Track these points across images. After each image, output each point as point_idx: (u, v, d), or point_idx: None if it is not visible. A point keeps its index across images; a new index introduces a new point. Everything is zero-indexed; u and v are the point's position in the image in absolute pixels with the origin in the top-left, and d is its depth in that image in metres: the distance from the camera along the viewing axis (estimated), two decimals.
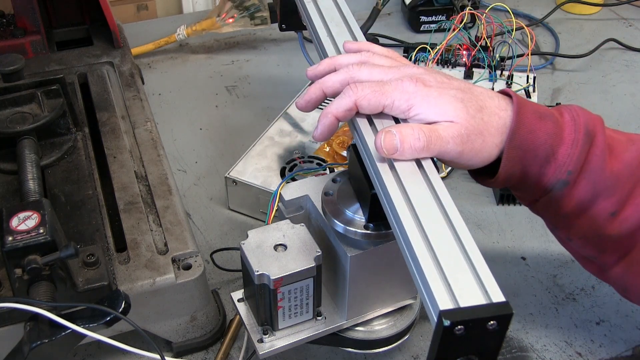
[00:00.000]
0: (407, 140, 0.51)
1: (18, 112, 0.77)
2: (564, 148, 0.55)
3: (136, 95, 0.91)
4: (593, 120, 0.57)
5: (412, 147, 0.51)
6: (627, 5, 1.35)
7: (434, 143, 0.52)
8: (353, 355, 0.71)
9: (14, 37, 0.97)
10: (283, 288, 0.56)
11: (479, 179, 0.60)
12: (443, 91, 0.54)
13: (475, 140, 0.53)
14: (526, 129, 0.54)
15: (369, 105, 0.55)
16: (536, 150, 0.55)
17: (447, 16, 1.24)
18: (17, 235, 0.56)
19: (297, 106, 0.61)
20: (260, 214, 0.86)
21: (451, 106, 0.53)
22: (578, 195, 0.56)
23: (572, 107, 0.58)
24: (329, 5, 0.70)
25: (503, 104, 0.56)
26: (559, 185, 0.56)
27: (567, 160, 0.55)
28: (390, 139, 0.51)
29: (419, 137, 0.51)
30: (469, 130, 0.53)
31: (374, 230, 0.56)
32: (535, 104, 0.56)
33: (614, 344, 0.73)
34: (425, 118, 0.53)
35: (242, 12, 1.17)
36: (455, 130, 0.52)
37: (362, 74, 0.57)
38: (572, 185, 0.56)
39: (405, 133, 0.51)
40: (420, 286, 0.45)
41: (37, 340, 0.55)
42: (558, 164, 0.55)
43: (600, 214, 0.57)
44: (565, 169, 0.55)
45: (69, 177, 0.77)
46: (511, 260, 0.83)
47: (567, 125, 0.56)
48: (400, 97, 0.54)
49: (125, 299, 0.58)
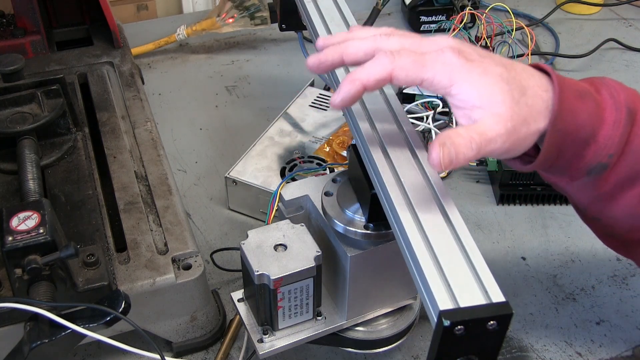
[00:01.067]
0: (461, 151, 0.47)
1: (18, 112, 0.77)
2: (605, 129, 0.51)
3: (136, 95, 0.91)
4: (632, 95, 0.53)
5: (465, 157, 0.47)
6: (627, 5, 1.35)
7: (484, 147, 0.48)
8: (353, 355, 0.71)
9: (14, 37, 0.97)
10: (283, 288, 0.56)
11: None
12: (488, 68, 0.49)
13: (520, 130, 0.48)
14: (569, 111, 0.50)
15: (407, 77, 0.48)
16: (577, 133, 0.50)
17: (447, 16, 1.24)
18: (17, 235, 0.56)
19: (307, 64, 0.53)
20: (260, 214, 0.86)
21: (496, 88, 0.48)
22: (616, 178, 0.52)
23: (607, 82, 0.53)
24: (329, 5, 0.70)
25: (544, 82, 0.50)
26: (597, 169, 0.52)
27: (608, 142, 0.51)
28: (448, 153, 0.46)
29: (471, 146, 0.47)
30: (514, 120, 0.48)
31: (374, 230, 0.56)
32: (573, 81, 0.52)
33: (614, 344, 0.73)
34: (468, 100, 0.48)
35: (242, 12, 1.17)
36: (502, 125, 0.47)
37: (391, 43, 0.50)
38: (612, 167, 0.52)
39: (459, 143, 0.47)
40: (420, 286, 0.45)
41: (37, 340, 0.55)
42: (598, 147, 0.51)
43: (636, 196, 0.53)
44: (607, 151, 0.51)
45: (69, 177, 0.77)
46: (511, 260, 0.83)
47: (607, 104, 0.52)
48: (442, 69, 0.48)
49: (125, 299, 0.58)
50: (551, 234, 0.86)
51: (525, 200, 0.90)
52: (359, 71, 0.49)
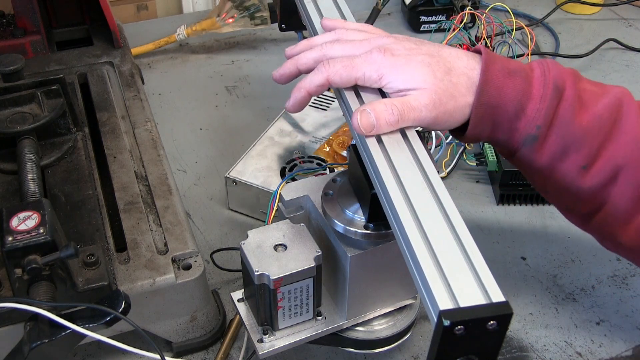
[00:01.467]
0: (382, 116, 0.53)
1: (18, 112, 0.77)
2: (533, 103, 0.56)
3: (136, 95, 0.91)
4: (563, 74, 0.57)
5: (387, 121, 0.54)
6: (627, 5, 1.35)
7: (407, 114, 0.54)
8: (353, 355, 0.71)
9: (14, 37, 0.97)
10: (283, 288, 0.56)
11: (455, 135, 0.61)
12: (411, 58, 0.56)
13: (447, 102, 0.55)
14: (494, 86, 0.56)
15: (341, 79, 0.58)
16: (505, 107, 0.56)
17: (447, 16, 1.24)
18: (17, 235, 0.56)
19: (273, 77, 0.64)
20: (260, 214, 0.86)
21: (418, 72, 0.55)
22: (549, 150, 0.57)
23: (544, 62, 0.58)
24: (329, 5, 0.70)
25: (472, 63, 0.57)
26: (529, 140, 0.57)
27: (535, 115, 0.56)
28: (366, 117, 0.54)
29: (392, 111, 0.54)
30: (439, 94, 0.55)
31: (374, 230, 0.56)
32: (506, 60, 0.58)
33: (614, 344, 0.73)
34: (396, 86, 0.56)
35: (242, 12, 1.17)
36: (426, 97, 0.54)
37: (334, 51, 0.60)
38: (542, 139, 0.57)
39: (379, 109, 0.54)
40: (420, 286, 0.45)
41: (37, 340, 0.55)
42: (527, 120, 0.56)
43: (572, 167, 0.58)
44: (534, 123, 0.56)
45: (69, 177, 0.77)
46: (511, 260, 0.83)
47: (537, 80, 0.57)
48: (369, 68, 0.56)
49: (125, 299, 0.58)
50: (551, 234, 0.86)
51: (525, 200, 0.90)
52: (303, 81, 0.60)
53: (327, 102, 0.98)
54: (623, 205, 0.58)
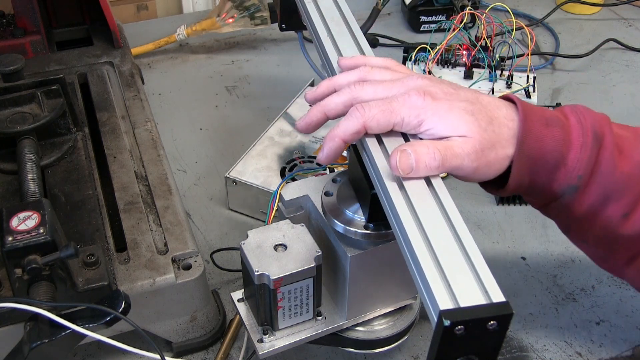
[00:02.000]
0: (422, 159, 0.50)
1: (18, 112, 0.77)
2: (573, 153, 0.54)
3: (136, 95, 0.91)
4: (600, 120, 0.56)
5: (427, 166, 0.50)
6: (627, 5, 1.35)
7: (449, 161, 0.51)
8: (353, 355, 0.71)
9: (14, 37, 0.97)
10: (283, 288, 0.56)
11: (488, 189, 0.59)
12: (452, 104, 0.53)
13: (488, 154, 0.52)
14: (534, 138, 0.54)
15: (379, 125, 0.53)
16: (545, 158, 0.54)
17: (447, 16, 1.24)
18: (17, 235, 0.56)
19: (296, 127, 0.59)
20: (260, 214, 0.86)
21: (462, 120, 0.52)
22: (589, 199, 0.56)
23: (577, 108, 0.57)
24: (329, 5, 0.70)
25: (511, 113, 0.55)
26: (569, 191, 0.55)
27: (576, 164, 0.54)
28: (406, 158, 0.50)
29: (434, 156, 0.50)
30: (482, 144, 0.52)
31: (374, 230, 0.56)
32: (540, 109, 0.56)
33: (614, 344, 0.73)
34: (437, 133, 0.52)
35: (242, 12, 1.17)
36: (469, 146, 0.51)
37: (365, 93, 0.55)
38: (583, 189, 0.55)
39: (421, 152, 0.50)
40: (420, 286, 0.45)
41: (37, 340, 0.55)
42: (568, 169, 0.55)
43: (612, 215, 0.56)
44: (576, 173, 0.55)
45: (69, 177, 0.77)
46: (511, 260, 0.83)
47: (574, 128, 0.55)
48: (409, 113, 0.52)
49: (125, 299, 0.58)
50: (551, 234, 0.86)
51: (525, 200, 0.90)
52: (336, 128, 0.54)
53: None
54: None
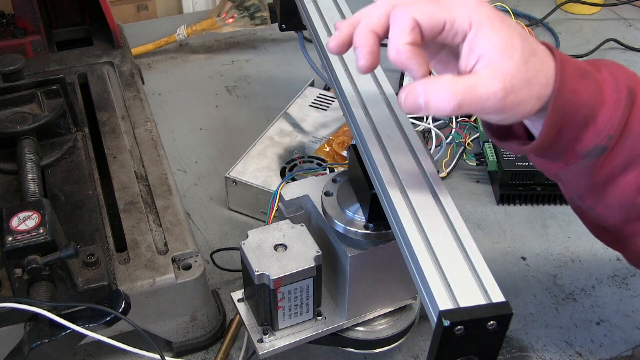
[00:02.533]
0: (433, 102, 0.44)
1: (18, 112, 0.77)
2: (605, 110, 0.49)
3: (136, 95, 0.91)
4: (633, 77, 0.51)
5: (438, 109, 0.44)
6: (627, 5, 1.35)
7: (468, 104, 0.44)
8: (353, 355, 0.71)
9: (14, 37, 0.97)
10: (283, 288, 0.56)
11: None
12: (505, 18, 0.46)
13: (520, 90, 0.45)
14: (569, 89, 0.47)
15: (430, 20, 0.45)
16: (576, 113, 0.48)
17: None
18: (17, 235, 0.56)
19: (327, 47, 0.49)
20: (260, 214, 0.86)
21: (512, 41, 0.45)
22: (613, 163, 0.50)
23: (608, 63, 0.51)
24: (329, 5, 0.70)
25: (548, 54, 0.48)
26: (595, 152, 0.50)
27: (608, 123, 0.49)
28: (413, 98, 0.44)
29: (448, 99, 0.43)
30: (516, 80, 0.45)
31: (374, 230, 0.56)
32: (574, 60, 0.49)
33: (614, 344, 0.73)
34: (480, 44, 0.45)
35: (242, 12, 1.17)
36: (499, 81, 0.44)
37: None
38: (610, 151, 0.50)
39: (433, 92, 0.44)
40: (420, 286, 0.45)
41: (37, 340, 0.55)
42: (597, 128, 0.49)
43: (633, 181, 0.51)
44: (606, 133, 0.49)
45: (69, 177, 0.77)
46: (511, 260, 0.83)
47: (607, 84, 0.49)
48: (462, 11, 0.45)
49: (125, 299, 0.58)
50: (551, 234, 0.86)
51: (525, 200, 0.90)
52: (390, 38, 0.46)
53: (327, 102, 0.98)
54: None
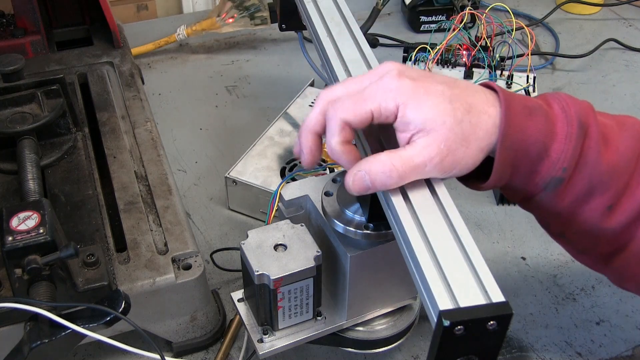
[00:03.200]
0: (378, 179, 0.49)
1: (18, 112, 0.77)
2: (557, 144, 0.51)
3: (136, 95, 0.91)
4: (584, 109, 0.53)
5: (384, 184, 0.49)
6: (627, 5, 1.35)
7: (408, 175, 0.49)
8: (353, 355, 0.71)
9: (14, 37, 0.97)
10: (283, 288, 0.56)
11: (468, 184, 0.56)
12: (430, 87, 0.49)
13: (457, 150, 0.48)
14: (517, 128, 0.50)
15: (355, 116, 0.49)
16: (528, 149, 0.51)
17: (447, 16, 1.24)
18: (17, 235, 0.56)
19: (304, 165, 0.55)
20: (260, 214, 0.86)
21: (439, 108, 0.48)
22: (573, 192, 0.53)
23: (559, 96, 0.54)
24: (329, 5, 0.70)
25: (490, 98, 0.51)
26: (553, 183, 0.52)
27: (561, 156, 0.51)
28: (360, 181, 0.49)
29: (390, 175, 0.48)
30: (450, 141, 0.48)
31: (374, 230, 0.56)
32: (521, 97, 0.52)
33: (614, 344, 0.73)
34: (410, 122, 0.48)
35: (242, 12, 1.17)
36: (434, 147, 0.48)
37: (335, 92, 0.52)
38: (567, 182, 0.52)
39: (375, 171, 0.48)
40: (420, 286, 0.45)
41: (37, 340, 0.55)
42: (552, 161, 0.51)
43: (596, 208, 0.53)
44: (560, 165, 0.51)
45: (69, 177, 0.77)
46: (511, 260, 0.83)
47: (558, 118, 0.52)
48: (385, 96, 0.49)
49: (125, 299, 0.58)
50: None
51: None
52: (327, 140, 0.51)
53: None
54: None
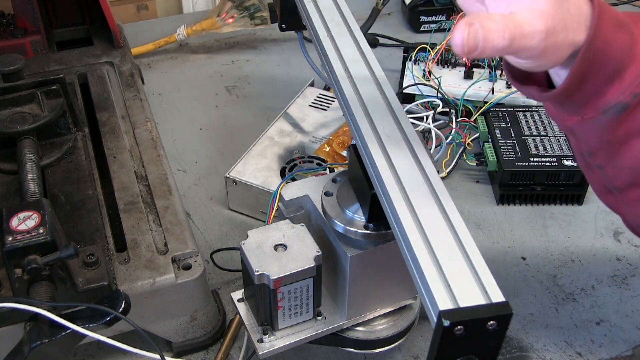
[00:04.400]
0: (491, 37, 0.44)
1: (18, 112, 0.77)
2: (635, 67, 0.48)
3: (136, 95, 0.91)
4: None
5: (494, 46, 0.44)
6: (627, 6, 1.35)
7: (518, 41, 0.44)
8: (353, 355, 0.71)
9: (14, 37, 0.97)
10: (283, 288, 0.56)
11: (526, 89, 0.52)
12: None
13: (559, 33, 0.45)
14: (603, 39, 0.47)
15: None
16: (605, 65, 0.48)
17: (447, 16, 1.24)
18: (17, 235, 0.56)
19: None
20: (260, 214, 0.86)
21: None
22: (632, 123, 0.49)
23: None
24: (329, 5, 0.70)
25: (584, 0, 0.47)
26: (616, 109, 0.49)
27: (635, 81, 0.48)
28: (474, 34, 0.43)
29: (503, 35, 0.44)
30: (555, 21, 0.45)
31: (374, 230, 0.56)
32: (613, 9, 0.48)
33: (614, 344, 0.73)
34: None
35: (242, 12, 1.17)
36: (542, 22, 0.44)
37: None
38: (632, 109, 0.49)
39: (490, 29, 0.44)
40: (420, 286, 0.45)
41: (37, 340, 0.55)
42: (623, 85, 0.48)
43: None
44: (631, 91, 0.48)
45: (69, 177, 0.77)
46: (511, 260, 0.83)
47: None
48: None
49: (125, 299, 0.58)
50: (551, 234, 0.86)
51: (525, 200, 0.90)
52: None
53: (327, 102, 0.98)
54: None
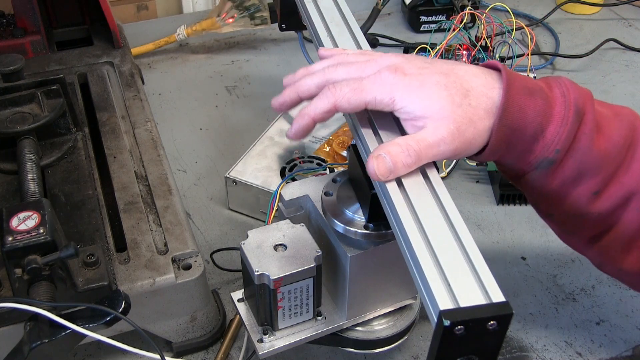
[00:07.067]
0: (398, 159, 0.50)
1: (18, 112, 0.77)
2: (553, 126, 0.53)
3: (136, 95, 0.91)
4: (583, 96, 0.55)
5: (404, 164, 0.50)
6: (627, 5, 1.35)
7: (425, 152, 0.50)
8: (353, 355, 0.71)
9: (14, 37, 0.97)
10: (283, 288, 0.56)
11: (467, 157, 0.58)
12: (425, 79, 0.52)
13: (466, 130, 0.51)
14: (516, 108, 0.52)
15: (350, 104, 0.53)
16: (525, 129, 0.53)
17: (447, 16, 1.24)
18: (17, 235, 0.56)
19: (272, 105, 0.60)
20: (260, 214, 0.86)
21: (435, 96, 0.51)
22: (563, 174, 0.55)
23: (561, 81, 0.55)
24: (329, 5, 0.70)
25: (490, 80, 0.53)
26: (545, 164, 0.54)
27: (555, 138, 0.53)
28: (383, 163, 0.50)
29: (408, 153, 0.50)
30: (457, 122, 0.51)
31: (374, 230, 0.56)
32: (524, 78, 0.54)
33: (614, 344, 0.73)
34: (411, 111, 0.51)
35: (242, 12, 1.17)
36: (444, 128, 0.50)
37: (338, 74, 0.56)
38: (559, 164, 0.54)
39: (395, 152, 0.50)
40: (420, 286, 0.45)
41: (37, 340, 0.55)
42: (546, 142, 0.53)
43: (584, 193, 0.56)
44: (554, 147, 0.53)
45: (69, 177, 0.77)
46: (511, 260, 0.83)
47: (557, 101, 0.54)
48: (380, 90, 0.52)
49: (125, 299, 0.58)
50: (551, 234, 0.85)
51: (525, 200, 0.90)
52: (307, 107, 0.55)
53: None
54: (630, 230, 0.56)
